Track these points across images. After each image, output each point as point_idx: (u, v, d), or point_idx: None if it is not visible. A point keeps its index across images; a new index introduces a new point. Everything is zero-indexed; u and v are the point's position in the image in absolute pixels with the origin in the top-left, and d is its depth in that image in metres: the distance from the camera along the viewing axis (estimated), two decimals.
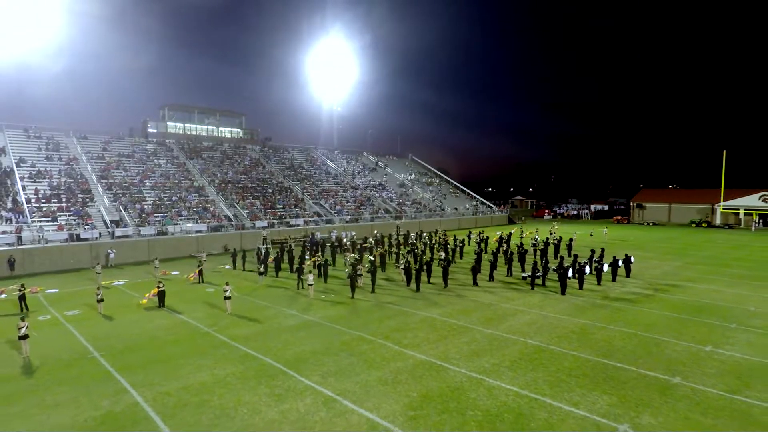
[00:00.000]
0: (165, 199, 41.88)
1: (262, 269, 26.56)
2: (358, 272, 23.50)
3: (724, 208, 67.76)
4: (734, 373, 13.24)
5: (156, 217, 38.53)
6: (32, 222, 33.25)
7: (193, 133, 58.01)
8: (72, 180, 39.88)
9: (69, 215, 35.19)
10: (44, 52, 59.28)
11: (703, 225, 68.69)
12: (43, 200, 36.07)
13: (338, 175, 64.08)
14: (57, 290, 25.33)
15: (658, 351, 15.08)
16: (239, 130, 62.87)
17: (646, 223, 72.81)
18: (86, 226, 34.54)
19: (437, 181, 78.41)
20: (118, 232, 34.83)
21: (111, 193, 39.89)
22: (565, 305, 21.05)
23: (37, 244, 31.45)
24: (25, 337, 14.84)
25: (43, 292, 24.52)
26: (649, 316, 19.17)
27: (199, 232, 39.07)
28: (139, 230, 35.81)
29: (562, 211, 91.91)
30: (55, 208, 35.51)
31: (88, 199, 37.87)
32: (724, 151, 66.42)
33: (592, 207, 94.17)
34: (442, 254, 28.89)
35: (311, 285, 22.38)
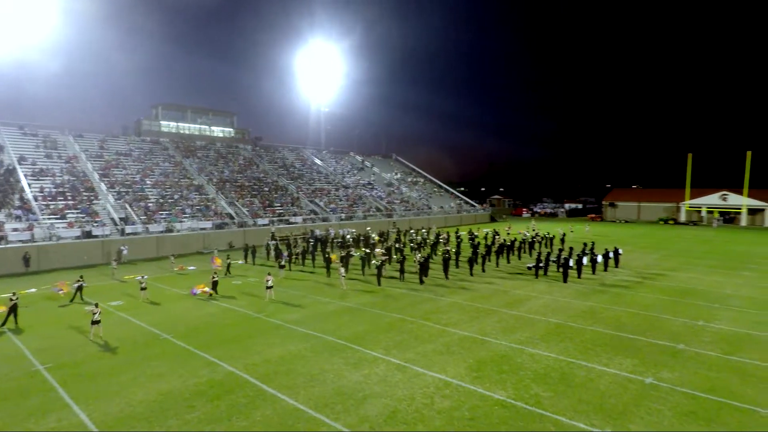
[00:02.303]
0: (167, 197, 42.57)
1: (282, 263, 28.15)
2: (384, 263, 25.32)
3: (689, 207, 72.77)
4: (726, 341, 15.85)
5: (161, 214, 39.28)
6: (42, 219, 33.61)
7: (186, 132, 58.43)
8: (75, 178, 40.13)
9: (77, 213, 35.62)
10: (36, 50, 58.46)
11: (670, 222, 73.53)
12: (49, 198, 36.35)
13: (328, 175, 65.59)
14: (84, 284, 26.09)
15: (660, 325, 17.62)
16: (231, 129, 63.56)
17: (618, 221, 77.22)
18: (95, 224, 35.09)
19: (422, 180, 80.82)
20: (128, 229, 35.51)
21: (114, 192, 40.35)
22: (569, 291, 23.53)
23: (50, 241, 31.92)
24: (97, 322, 16.18)
25: (71, 287, 25.30)
26: (644, 299, 21.84)
27: (204, 229, 40.06)
28: (147, 227, 36.58)
29: (538, 209, 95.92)
30: (63, 206, 35.87)
31: (93, 197, 38.30)
32: (690, 154, 71.47)
33: (567, 206, 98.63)
34: (447, 248, 31.08)
35: (344, 276, 24.12)
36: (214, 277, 22.74)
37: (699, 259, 34.83)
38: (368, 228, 46.71)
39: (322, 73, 78.41)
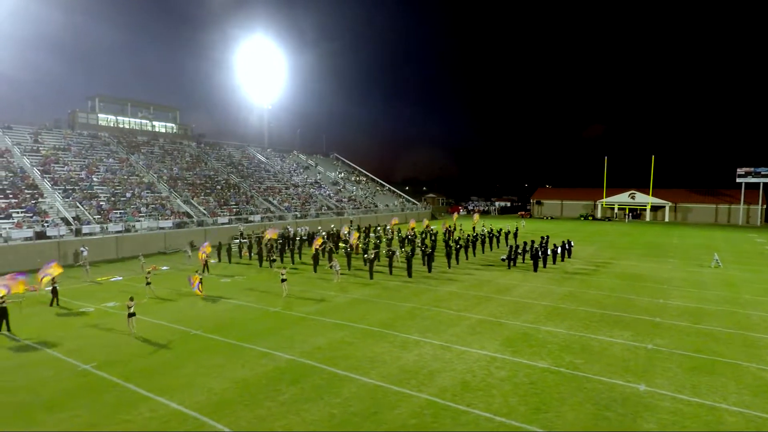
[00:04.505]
0: (119, 195, 40.29)
1: (274, 258, 28.64)
2: (375, 257, 26.55)
3: (605, 204, 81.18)
4: (688, 314, 19.10)
5: (115, 213, 37.22)
6: None
7: (126, 126, 54.97)
8: (12, 174, 36.74)
9: (23, 212, 32.85)
10: None
11: (589, 218, 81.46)
12: None
13: (276, 173, 64.97)
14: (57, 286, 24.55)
15: (632, 304, 20.64)
16: (173, 125, 60.66)
17: (545, 217, 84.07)
18: (45, 224, 32.61)
19: (364, 179, 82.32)
20: (85, 229, 33.39)
21: (60, 189, 37.51)
22: (543, 279, 26.30)
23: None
24: (133, 314, 16.41)
25: (43, 290, 23.76)
26: (607, 283, 25.09)
27: (163, 228, 38.55)
28: (106, 227, 34.61)
29: (472, 207, 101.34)
30: (5, 205, 32.88)
31: (38, 195, 35.40)
32: (606, 157, 79.82)
33: (497, 203, 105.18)
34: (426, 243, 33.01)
35: (338, 270, 24.98)
36: (200, 274, 22.59)
37: (628, 250, 39.74)
38: (332, 225, 47.43)
39: (264, 70, 77.13)
